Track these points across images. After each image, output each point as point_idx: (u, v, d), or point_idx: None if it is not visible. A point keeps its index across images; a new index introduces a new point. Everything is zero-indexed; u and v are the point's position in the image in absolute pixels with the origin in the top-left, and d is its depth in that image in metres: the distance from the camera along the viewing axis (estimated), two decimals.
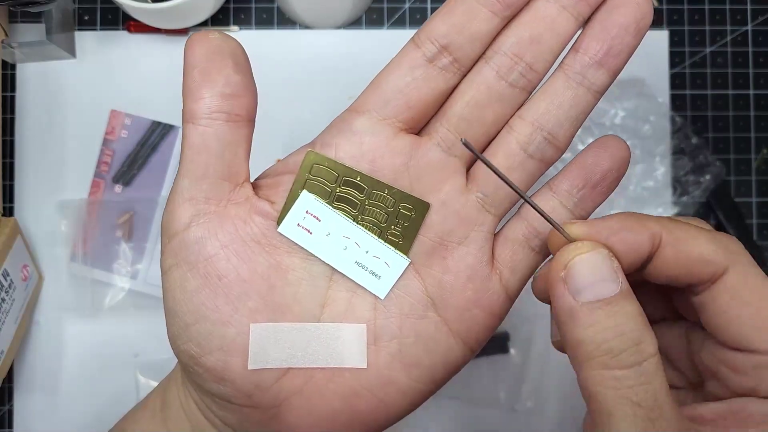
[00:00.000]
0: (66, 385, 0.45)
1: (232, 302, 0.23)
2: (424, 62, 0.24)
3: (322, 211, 0.24)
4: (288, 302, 0.24)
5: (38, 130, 0.46)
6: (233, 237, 0.23)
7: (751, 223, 0.48)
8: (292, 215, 0.24)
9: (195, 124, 0.23)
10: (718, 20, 0.48)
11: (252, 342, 0.23)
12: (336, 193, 0.24)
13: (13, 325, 0.42)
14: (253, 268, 0.23)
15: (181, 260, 0.23)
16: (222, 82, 0.22)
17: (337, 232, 0.24)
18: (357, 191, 0.24)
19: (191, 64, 0.23)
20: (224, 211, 0.23)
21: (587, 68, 0.24)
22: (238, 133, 0.23)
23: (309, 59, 0.47)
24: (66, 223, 0.46)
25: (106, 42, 0.47)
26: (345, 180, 0.24)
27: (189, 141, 0.23)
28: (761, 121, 0.49)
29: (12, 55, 0.45)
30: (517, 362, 0.46)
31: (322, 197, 0.24)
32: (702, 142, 0.47)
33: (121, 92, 0.46)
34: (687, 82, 0.48)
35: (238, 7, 0.47)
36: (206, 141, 0.23)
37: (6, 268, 0.40)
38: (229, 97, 0.23)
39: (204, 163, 0.23)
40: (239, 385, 0.23)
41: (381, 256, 0.24)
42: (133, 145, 0.46)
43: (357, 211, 0.24)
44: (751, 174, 0.48)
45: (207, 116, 0.23)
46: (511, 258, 0.25)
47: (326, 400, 0.24)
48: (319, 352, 0.24)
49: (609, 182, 0.24)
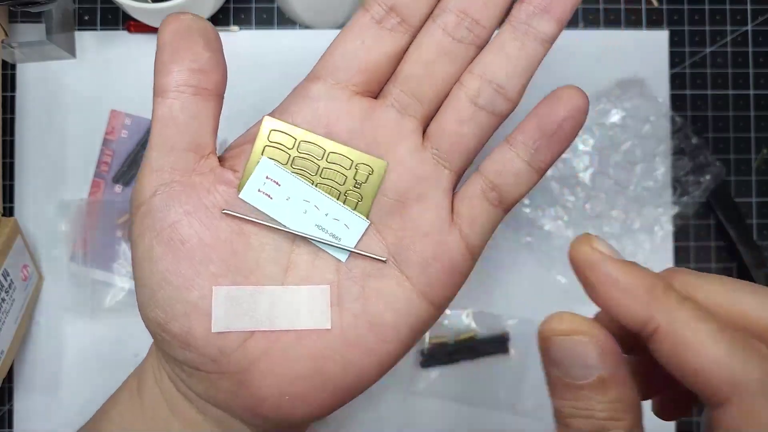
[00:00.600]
0: (66, 385, 0.45)
1: (195, 267, 0.23)
2: (373, 25, 0.24)
3: (282, 176, 0.25)
4: (251, 267, 0.24)
5: (38, 130, 0.46)
6: (197, 204, 0.24)
7: (751, 223, 0.48)
8: (253, 181, 0.24)
9: (163, 97, 0.23)
10: (718, 20, 0.48)
11: (215, 305, 0.23)
12: (294, 158, 0.25)
13: (13, 325, 0.42)
14: (216, 234, 0.24)
15: (146, 228, 0.24)
16: (190, 57, 0.23)
17: (296, 196, 0.25)
18: (315, 155, 0.25)
19: (162, 42, 0.23)
20: (189, 180, 0.24)
21: (532, 17, 0.24)
22: (206, 106, 0.24)
23: (309, 59, 0.47)
24: (66, 223, 0.46)
25: (106, 42, 0.47)
26: (302, 144, 0.25)
27: (157, 114, 0.24)
28: (761, 121, 0.49)
29: (12, 55, 0.45)
30: (517, 362, 0.46)
31: (281, 162, 0.25)
32: (702, 142, 0.47)
33: (121, 92, 0.46)
34: (687, 82, 0.48)
35: (238, 7, 0.47)
36: (173, 113, 0.23)
37: (6, 268, 0.40)
38: (197, 72, 0.23)
39: (171, 136, 0.24)
40: (203, 350, 0.24)
41: (341, 219, 0.25)
42: (134, 145, 0.46)
43: (316, 174, 0.25)
44: (751, 174, 0.48)
45: (175, 89, 0.23)
46: (469, 213, 0.25)
47: (292, 364, 0.24)
48: (282, 314, 0.24)
49: (565, 132, 0.24)
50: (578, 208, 0.47)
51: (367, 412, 0.46)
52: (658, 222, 0.47)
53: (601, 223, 0.47)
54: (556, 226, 0.47)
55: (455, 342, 0.46)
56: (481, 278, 0.47)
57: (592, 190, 0.47)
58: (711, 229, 0.48)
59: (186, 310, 0.23)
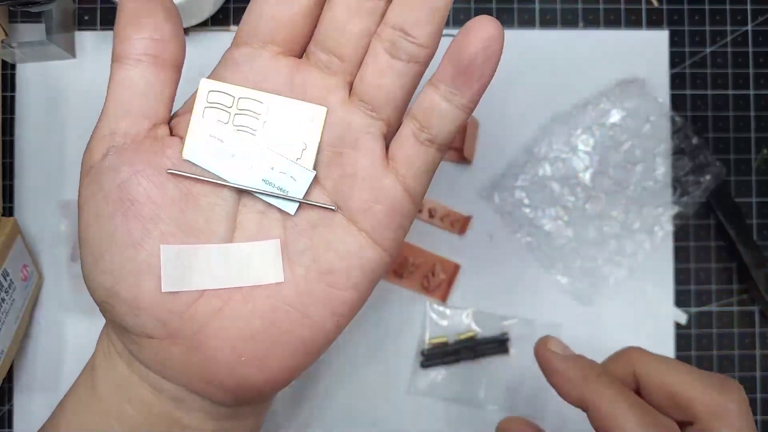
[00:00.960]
0: (66, 385, 0.45)
1: (144, 225, 0.23)
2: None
3: (224, 133, 0.25)
4: (200, 227, 0.24)
5: (38, 130, 0.46)
6: (146, 165, 0.24)
7: (751, 223, 0.48)
8: (196, 141, 0.25)
9: (122, 63, 0.24)
10: (718, 20, 0.48)
11: (163, 264, 0.23)
12: (235, 115, 0.25)
13: (13, 325, 0.42)
14: (165, 193, 0.24)
15: (96, 189, 0.24)
16: (151, 27, 0.24)
17: (240, 152, 0.25)
18: (254, 110, 0.25)
19: (123, 9, 0.24)
20: (139, 145, 0.24)
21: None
22: (164, 75, 0.24)
23: None
24: (66, 223, 0.46)
25: (106, 42, 0.47)
26: (241, 101, 0.25)
27: (114, 79, 0.24)
28: (761, 121, 0.49)
29: (12, 55, 0.45)
30: (517, 362, 0.46)
31: (223, 121, 0.25)
32: (702, 142, 0.47)
33: None
34: (687, 82, 0.48)
35: (238, 7, 0.47)
36: (131, 80, 0.24)
37: (6, 268, 0.40)
38: (158, 41, 0.24)
39: (127, 101, 0.24)
40: (153, 312, 0.24)
41: (286, 171, 0.25)
42: None
43: (257, 129, 0.25)
44: (751, 174, 0.48)
45: (134, 57, 0.24)
46: (404, 155, 0.25)
47: (246, 321, 0.24)
48: (233, 272, 0.24)
49: (481, 63, 0.24)
50: (578, 208, 0.47)
51: (367, 412, 0.46)
52: (658, 222, 0.47)
53: (601, 223, 0.47)
54: (556, 226, 0.47)
55: (455, 342, 0.46)
56: (481, 278, 0.47)
57: (592, 190, 0.47)
58: (711, 229, 0.48)
59: (135, 270, 0.23)
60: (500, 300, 0.47)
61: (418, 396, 0.46)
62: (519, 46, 0.47)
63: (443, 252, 0.47)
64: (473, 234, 0.47)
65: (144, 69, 0.24)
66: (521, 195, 0.47)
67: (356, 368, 0.46)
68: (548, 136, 0.47)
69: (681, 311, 0.48)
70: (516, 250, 0.47)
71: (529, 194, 0.47)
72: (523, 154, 0.47)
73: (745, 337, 0.48)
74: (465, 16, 0.48)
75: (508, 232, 0.47)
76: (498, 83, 0.48)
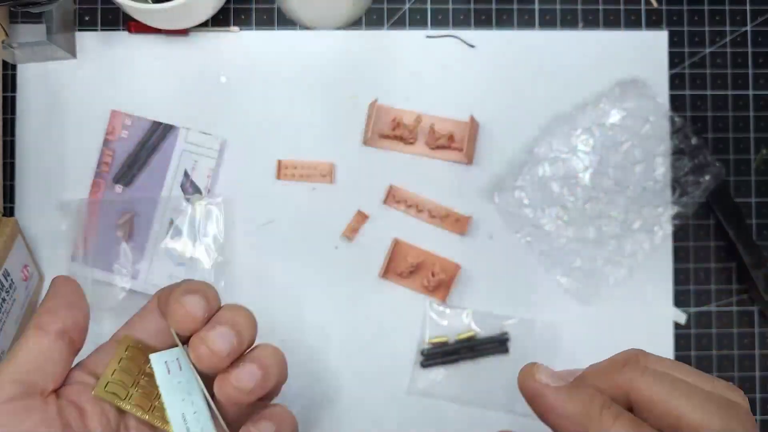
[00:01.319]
0: None
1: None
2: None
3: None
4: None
5: (38, 130, 0.46)
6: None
7: (750, 223, 0.48)
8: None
9: (39, 333, 0.28)
10: (717, 21, 0.48)
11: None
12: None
13: (14, 325, 0.42)
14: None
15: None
16: (72, 316, 0.29)
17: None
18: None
19: (53, 293, 0.30)
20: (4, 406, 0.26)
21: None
22: (67, 353, 0.29)
23: (309, 60, 0.47)
24: (66, 223, 0.46)
25: (106, 42, 0.47)
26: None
27: (28, 344, 0.28)
28: (761, 121, 0.49)
29: (12, 55, 0.45)
30: (517, 362, 0.46)
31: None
32: (702, 143, 0.47)
33: (121, 92, 0.46)
34: (686, 82, 0.48)
35: (238, 7, 0.47)
36: (41, 349, 0.27)
37: (6, 268, 0.40)
38: (71, 327, 0.29)
39: (24, 366, 0.27)
40: None
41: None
42: (134, 146, 0.46)
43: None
44: (751, 174, 0.49)
45: (53, 332, 0.28)
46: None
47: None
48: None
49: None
50: (578, 208, 0.47)
51: (368, 412, 0.46)
52: (657, 222, 0.47)
53: (601, 223, 0.47)
54: (556, 226, 0.47)
55: (455, 342, 0.46)
56: (481, 278, 0.47)
57: (592, 190, 0.47)
58: (710, 229, 0.48)
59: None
60: (500, 300, 0.47)
61: (418, 396, 0.46)
62: (519, 46, 0.47)
63: (443, 252, 0.47)
64: (473, 234, 0.47)
65: (52, 343, 0.28)
66: (521, 195, 0.47)
67: (356, 368, 0.46)
68: (548, 137, 0.47)
69: (680, 311, 0.48)
70: (516, 250, 0.47)
71: (529, 194, 0.47)
72: (523, 154, 0.47)
73: (745, 337, 0.48)
74: (465, 16, 0.48)
75: (508, 232, 0.47)
76: (498, 84, 0.48)
